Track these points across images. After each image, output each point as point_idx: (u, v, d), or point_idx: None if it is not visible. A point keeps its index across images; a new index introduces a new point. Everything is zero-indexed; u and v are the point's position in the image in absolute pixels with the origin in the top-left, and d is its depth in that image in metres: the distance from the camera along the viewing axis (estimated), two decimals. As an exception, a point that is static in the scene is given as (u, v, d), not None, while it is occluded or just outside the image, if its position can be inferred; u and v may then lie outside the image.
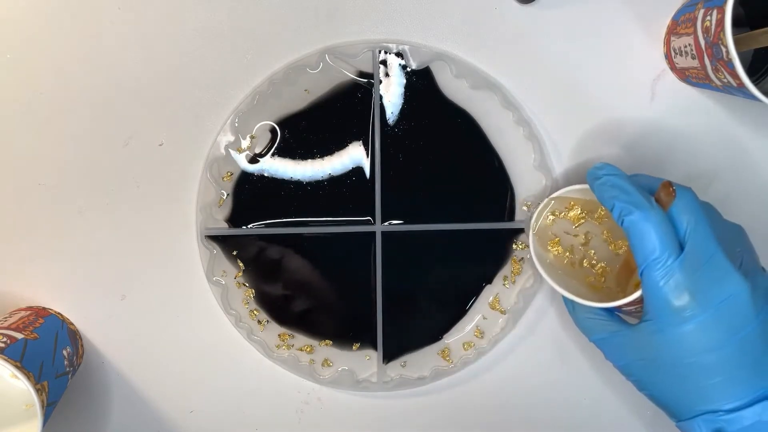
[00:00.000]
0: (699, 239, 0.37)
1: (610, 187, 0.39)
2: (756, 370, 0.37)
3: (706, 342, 0.36)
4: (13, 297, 0.49)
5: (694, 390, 0.37)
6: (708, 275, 0.37)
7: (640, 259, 0.37)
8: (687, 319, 0.36)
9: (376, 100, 0.47)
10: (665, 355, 0.38)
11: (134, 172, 0.48)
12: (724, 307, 0.36)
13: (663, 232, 0.37)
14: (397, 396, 0.50)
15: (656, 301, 0.37)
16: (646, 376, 0.39)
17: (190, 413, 0.50)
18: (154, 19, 0.47)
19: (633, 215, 0.37)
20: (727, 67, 0.39)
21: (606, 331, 0.41)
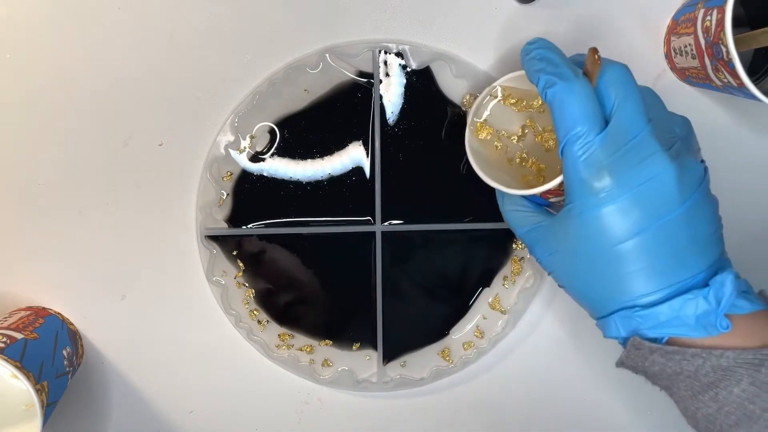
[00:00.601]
0: (625, 116, 0.34)
1: (538, 61, 0.36)
2: (676, 261, 0.34)
3: (624, 227, 0.34)
4: (13, 297, 0.49)
5: (612, 281, 0.35)
6: (631, 154, 0.34)
7: (560, 134, 0.35)
8: (605, 201, 0.34)
9: (376, 100, 0.47)
10: (583, 243, 0.35)
11: (134, 172, 0.48)
12: (645, 189, 0.34)
13: (586, 105, 0.34)
14: (397, 396, 0.50)
15: (575, 181, 0.34)
16: (566, 268, 0.37)
17: (190, 413, 0.50)
18: (154, 19, 0.47)
19: (556, 87, 0.34)
20: (728, 67, 0.39)
21: (530, 223, 0.39)
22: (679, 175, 0.34)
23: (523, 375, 0.50)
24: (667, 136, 0.35)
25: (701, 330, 0.34)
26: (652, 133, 0.34)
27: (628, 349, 0.36)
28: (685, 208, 0.34)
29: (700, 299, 0.34)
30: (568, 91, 0.34)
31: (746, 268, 0.49)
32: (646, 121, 0.34)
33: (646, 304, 0.35)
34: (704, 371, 0.34)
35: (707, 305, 0.34)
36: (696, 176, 0.35)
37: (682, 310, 0.34)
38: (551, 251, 0.38)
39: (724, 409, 0.34)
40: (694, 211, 0.34)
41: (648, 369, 0.36)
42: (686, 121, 0.39)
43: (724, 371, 0.34)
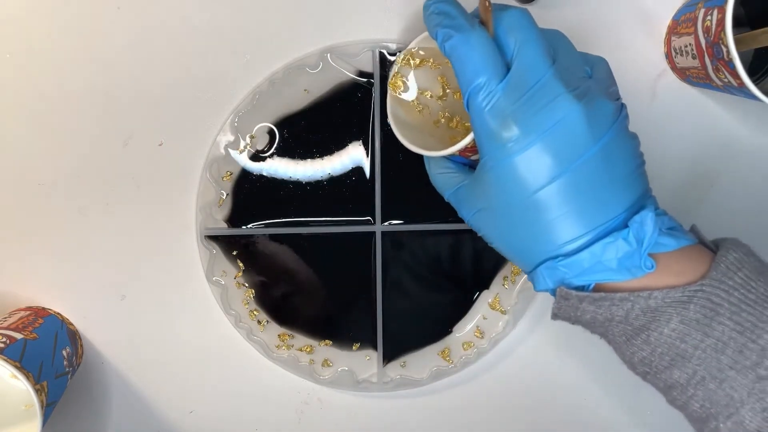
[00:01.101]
0: (526, 60, 0.33)
1: (437, 15, 0.35)
2: (595, 203, 0.33)
3: (538, 174, 0.33)
4: (13, 297, 0.49)
5: (534, 232, 0.34)
6: (534, 99, 0.32)
7: (463, 87, 0.34)
8: (514, 150, 0.33)
9: (376, 100, 0.47)
10: (501, 197, 0.34)
11: (134, 172, 0.48)
12: (554, 133, 0.32)
13: (484, 54, 0.33)
14: (397, 396, 0.50)
15: (483, 134, 0.34)
16: (491, 225, 0.36)
17: (189, 413, 0.50)
18: (154, 19, 0.47)
19: (452, 39, 0.33)
20: (728, 67, 0.39)
21: (454, 184, 0.38)
22: (587, 115, 0.33)
23: (523, 375, 0.50)
24: (575, 78, 0.34)
25: (625, 273, 0.34)
26: (555, 76, 0.33)
27: (557, 300, 0.35)
28: (598, 148, 0.33)
29: (620, 241, 0.33)
30: (465, 42, 0.33)
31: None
32: (548, 64, 0.33)
33: (568, 252, 0.34)
34: (634, 314, 0.33)
35: (628, 246, 0.33)
36: (607, 115, 0.34)
37: (603, 254, 0.33)
38: (475, 210, 0.37)
39: (657, 350, 0.33)
40: (609, 150, 0.33)
41: (580, 318, 0.36)
42: (601, 60, 0.37)
43: (654, 312, 0.33)
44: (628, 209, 0.34)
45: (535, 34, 0.34)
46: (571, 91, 0.33)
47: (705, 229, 0.49)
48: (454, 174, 0.39)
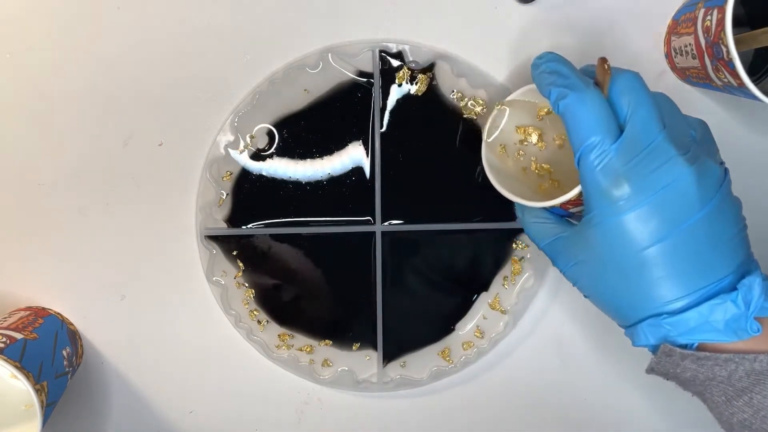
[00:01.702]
0: (640, 122, 0.34)
1: (549, 74, 0.36)
2: (701, 265, 0.34)
3: (646, 234, 0.34)
4: (13, 297, 0.49)
5: (637, 290, 0.35)
6: (647, 161, 0.33)
7: (576, 144, 0.35)
8: (625, 209, 0.34)
9: (376, 100, 0.47)
10: (606, 252, 0.35)
11: (134, 172, 0.48)
12: (664, 194, 0.33)
13: (599, 114, 0.34)
14: (397, 396, 0.50)
15: (593, 191, 0.34)
16: (590, 279, 0.37)
17: (189, 413, 0.50)
18: (154, 19, 0.47)
19: (568, 98, 0.34)
20: (728, 67, 0.39)
21: (551, 234, 0.39)
22: (697, 178, 0.34)
23: (523, 375, 0.50)
24: (684, 140, 0.35)
25: (732, 334, 0.34)
26: (667, 139, 0.34)
27: (658, 356, 0.36)
28: (706, 211, 0.34)
29: (728, 303, 0.34)
30: (580, 102, 0.34)
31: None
32: (661, 126, 0.34)
33: (674, 311, 0.35)
34: (738, 376, 0.34)
35: (736, 309, 0.34)
36: (715, 179, 0.35)
37: (711, 315, 0.34)
38: (574, 262, 0.37)
39: (761, 413, 0.34)
40: (716, 214, 0.34)
41: (680, 375, 0.36)
42: (703, 124, 0.38)
43: (758, 375, 0.34)
44: (733, 272, 0.35)
45: (648, 97, 0.35)
46: (683, 154, 0.34)
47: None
48: (552, 224, 0.39)
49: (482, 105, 0.47)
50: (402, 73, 0.47)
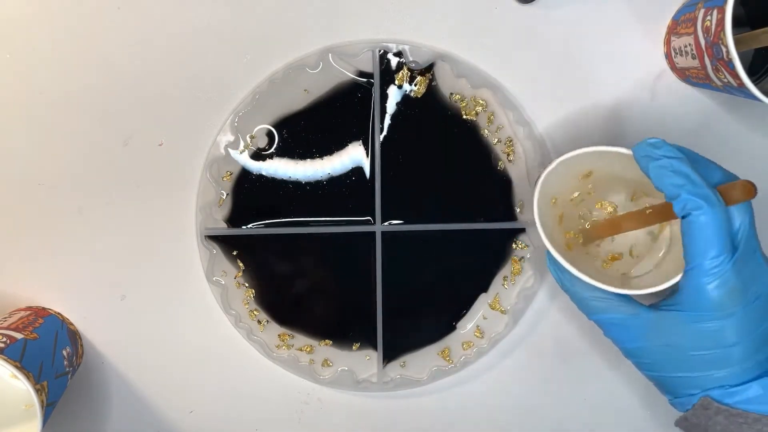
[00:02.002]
0: (749, 240, 0.36)
1: (674, 173, 0.36)
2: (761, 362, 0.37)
3: (733, 336, 0.36)
4: (13, 297, 0.49)
5: (703, 377, 0.37)
6: (751, 273, 0.36)
7: (693, 257, 0.36)
8: (726, 315, 0.36)
9: (376, 100, 0.47)
10: (688, 343, 0.37)
11: (134, 172, 0.48)
12: (756, 303, 0.36)
13: (725, 233, 0.35)
14: (397, 396, 0.50)
15: (699, 297, 0.36)
16: (657, 360, 0.38)
17: (189, 413, 0.50)
18: (154, 19, 0.47)
19: (702, 211, 0.35)
20: (728, 67, 0.39)
21: (619, 312, 0.39)
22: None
23: (523, 375, 0.50)
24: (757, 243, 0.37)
25: None
26: (759, 249, 0.37)
27: (696, 408, 0.38)
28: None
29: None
30: (714, 219, 0.35)
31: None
32: (755, 234, 0.36)
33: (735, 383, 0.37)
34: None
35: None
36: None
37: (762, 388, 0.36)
38: (646, 344, 0.39)
39: None
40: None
41: (709, 428, 0.38)
42: None
43: None
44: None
45: (752, 212, 0.37)
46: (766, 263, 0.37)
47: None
48: (617, 303, 0.39)
49: (482, 105, 0.47)
50: (402, 74, 0.47)
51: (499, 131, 0.48)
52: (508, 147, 0.48)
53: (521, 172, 0.48)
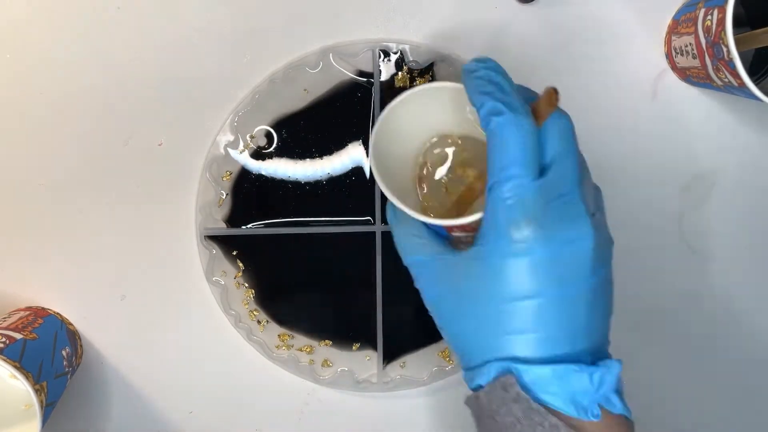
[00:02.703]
0: (562, 170, 0.32)
1: (487, 82, 0.33)
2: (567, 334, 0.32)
3: (528, 284, 0.31)
4: (13, 297, 0.49)
5: (496, 335, 0.32)
6: (559, 211, 0.31)
7: (495, 169, 0.31)
8: (519, 252, 0.31)
9: (376, 100, 0.47)
10: (481, 289, 0.32)
11: (134, 172, 0.48)
12: (562, 251, 0.31)
13: (529, 146, 0.31)
14: (397, 396, 0.50)
15: (495, 223, 0.31)
16: (452, 310, 0.34)
17: (189, 413, 0.50)
18: (154, 19, 0.47)
19: (504, 116, 0.31)
20: (728, 67, 0.39)
21: (428, 253, 0.35)
22: (596, 245, 0.32)
23: (523, 375, 0.50)
24: (591, 203, 0.33)
25: (571, 407, 0.32)
26: (582, 197, 0.32)
27: (493, 385, 0.32)
28: (592, 282, 0.32)
29: (584, 375, 0.32)
30: (515, 125, 0.31)
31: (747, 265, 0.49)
32: (579, 181, 0.32)
33: (527, 360, 0.32)
34: None
35: (590, 385, 0.32)
36: (609, 251, 0.34)
37: (563, 379, 0.31)
38: (442, 288, 0.35)
39: None
40: (599, 289, 0.33)
41: (497, 417, 0.33)
42: (601, 193, 0.36)
43: None
44: (593, 352, 0.33)
45: (576, 147, 0.33)
46: (591, 216, 0.32)
47: (705, 229, 0.49)
48: (428, 243, 0.36)
49: None
50: (401, 75, 0.47)
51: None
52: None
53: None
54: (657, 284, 0.49)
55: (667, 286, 0.49)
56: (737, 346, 0.49)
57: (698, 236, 0.49)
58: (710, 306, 0.49)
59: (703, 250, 0.49)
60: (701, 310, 0.49)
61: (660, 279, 0.49)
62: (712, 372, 0.50)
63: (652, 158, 0.48)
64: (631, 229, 0.49)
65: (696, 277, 0.49)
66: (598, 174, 0.49)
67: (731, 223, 0.49)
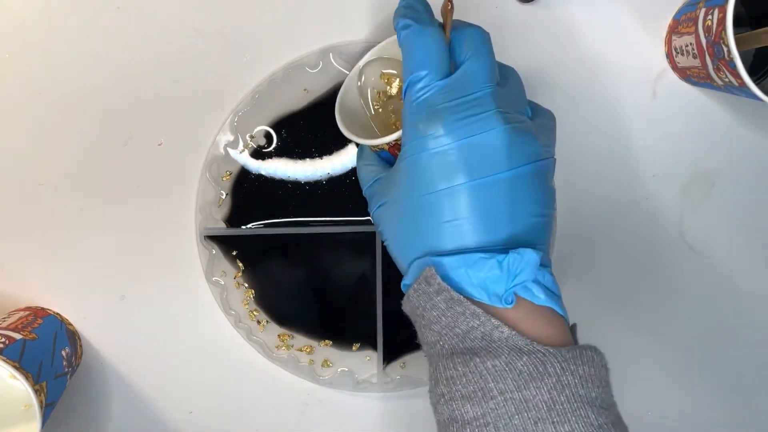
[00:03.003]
0: (472, 70, 0.34)
1: (404, 8, 0.37)
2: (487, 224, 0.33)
3: (445, 175, 0.33)
4: (12, 297, 0.48)
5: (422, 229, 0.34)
6: (467, 106, 0.33)
7: (405, 75, 0.35)
8: (431, 146, 0.33)
9: (376, 100, 0.47)
10: (406, 189, 0.35)
11: (134, 172, 0.48)
12: (473, 143, 0.33)
13: (434, 49, 0.34)
14: (397, 396, 0.50)
15: (408, 125, 0.34)
16: (388, 220, 0.36)
17: (189, 414, 0.50)
18: (154, 19, 0.47)
19: (411, 28, 0.35)
20: (729, 67, 0.39)
21: (371, 177, 0.39)
22: (509, 139, 0.33)
23: (523, 375, 0.50)
24: (513, 109, 0.35)
25: (483, 294, 0.33)
26: (493, 95, 0.34)
27: (419, 281, 0.34)
28: (509, 175, 0.33)
29: (493, 262, 0.33)
30: (419, 33, 0.35)
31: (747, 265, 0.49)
32: (491, 83, 0.34)
33: (443, 252, 0.34)
34: (473, 335, 0.33)
35: (499, 272, 0.33)
36: (529, 150, 0.34)
37: (473, 266, 0.33)
38: (381, 202, 0.37)
39: (468, 376, 0.32)
40: (520, 183, 0.34)
41: (426, 314, 0.34)
42: (550, 114, 0.39)
43: (491, 342, 0.32)
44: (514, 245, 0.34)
45: (489, 53, 0.35)
46: (503, 113, 0.34)
47: (705, 229, 0.49)
48: (375, 167, 0.39)
49: None
50: None
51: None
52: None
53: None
54: (657, 284, 0.49)
55: (667, 286, 0.49)
56: (737, 346, 0.49)
57: (698, 236, 0.49)
58: (710, 306, 0.49)
59: (703, 250, 0.49)
60: (701, 310, 0.49)
61: (660, 279, 0.49)
62: (713, 371, 0.50)
63: (652, 158, 0.48)
64: (631, 228, 0.49)
65: (696, 277, 0.49)
66: (598, 173, 0.49)
67: (731, 223, 0.49)
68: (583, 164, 0.48)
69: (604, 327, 0.49)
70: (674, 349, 0.49)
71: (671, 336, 0.49)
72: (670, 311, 0.49)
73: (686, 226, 0.49)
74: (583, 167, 0.48)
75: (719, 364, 0.49)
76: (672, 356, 0.49)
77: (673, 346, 0.49)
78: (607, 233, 0.49)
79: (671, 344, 0.49)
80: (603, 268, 0.49)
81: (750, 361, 0.50)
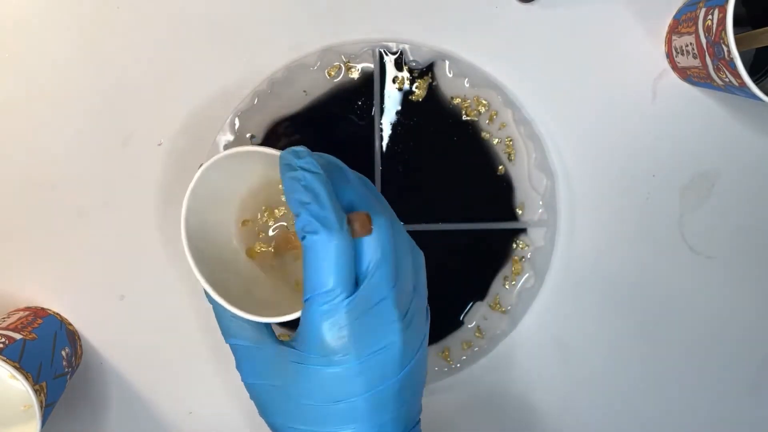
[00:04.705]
0: (376, 281, 0.33)
1: (304, 189, 0.32)
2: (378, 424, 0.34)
3: (344, 389, 0.33)
4: (12, 297, 0.48)
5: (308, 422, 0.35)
6: (370, 321, 0.33)
7: (308, 286, 0.32)
8: (335, 363, 0.33)
9: (376, 101, 0.47)
10: (300, 389, 0.34)
11: (134, 172, 0.48)
12: (374, 357, 0.33)
13: (342, 265, 0.32)
14: (397, 397, 0.50)
15: (309, 335, 0.33)
16: (274, 405, 0.36)
17: (189, 414, 0.50)
18: (154, 19, 0.47)
19: (318, 236, 0.31)
20: (729, 67, 0.39)
21: (248, 338, 0.37)
22: (404, 346, 0.34)
23: (523, 375, 0.50)
24: (406, 294, 0.35)
25: None
26: (395, 302, 0.33)
27: None
28: (401, 377, 0.34)
29: None
30: (328, 244, 0.31)
31: (747, 265, 0.49)
32: (392, 286, 0.33)
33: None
34: None
35: None
36: (417, 342, 0.35)
37: None
38: (264, 380, 0.36)
39: None
40: (406, 379, 0.35)
41: None
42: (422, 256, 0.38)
43: None
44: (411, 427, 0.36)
45: (391, 252, 0.33)
46: (401, 318, 0.34)
47: (706, 229, 0.49)
48: (249, 329, 0.37)
49: (484, 105, 0.47)
50: (401, 76, 0.47)
51: (500, 131, 0.48)
52: (509, 147, 0.48)
53: (522, 172, 0.48)
54: (657, 284, 0.49)
55: (667, 286, 0.49)
56: (737, 346, 0.49)
57: (698, 236, 0.49)
58: (710, 306, 0.49)
59: (703, 250, 0.49)
60: (701, 310, 0.49)
61: (660, 279, 0.49)
62: (713, 372, 0.50)
63: (652, 158, 0.48)
64: (631, 229, 0.49)
65: (696, 277, 0.49)
66: (598, 173, 0.49)
67: (731, 223, 0.49)
68: (582, 164, 0.48)
69: (604, 327, 0.49)
70: (674, 349, 0.49)
71: (671, 336, 0.49)
72: (670, 311, 0.49)
73: (686, 226, 0.49)
74: (583, 167, 0.48)
75: (719, 364, 0.49)
76: (671, 356, 0.49)
77: (672, 346, 0.49)
78: (606, 233, 0.49)
79: (671, 344, 0.49)
80: (603, 268, 0.49)
81: (750, 362, 0.50)
